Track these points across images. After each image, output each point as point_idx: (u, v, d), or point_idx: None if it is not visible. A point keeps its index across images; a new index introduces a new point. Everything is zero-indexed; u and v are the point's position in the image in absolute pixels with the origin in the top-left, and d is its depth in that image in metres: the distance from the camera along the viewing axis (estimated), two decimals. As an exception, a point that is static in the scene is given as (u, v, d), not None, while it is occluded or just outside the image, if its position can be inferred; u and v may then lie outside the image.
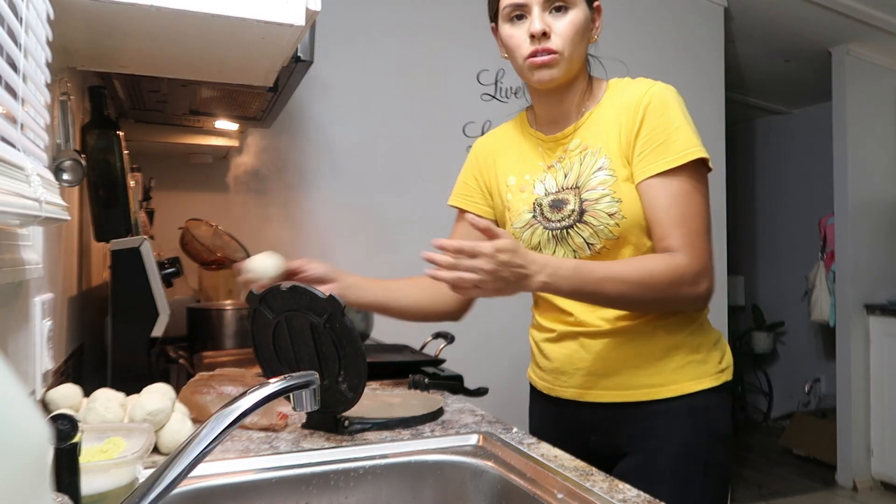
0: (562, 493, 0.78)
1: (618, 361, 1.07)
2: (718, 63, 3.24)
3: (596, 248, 1.06)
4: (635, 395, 1.06)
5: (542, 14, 1.03)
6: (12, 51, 0.68)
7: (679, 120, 1.02)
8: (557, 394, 1.13)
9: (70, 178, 0.99)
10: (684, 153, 1.00)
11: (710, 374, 1.06)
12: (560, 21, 1.04)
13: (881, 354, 3.61)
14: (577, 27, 1.04)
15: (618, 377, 1.06)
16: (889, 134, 3.85)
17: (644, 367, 1.05)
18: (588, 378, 1.09)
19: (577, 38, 1.04)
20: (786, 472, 3.96)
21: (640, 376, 1.05)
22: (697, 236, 1.00)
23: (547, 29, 1.03)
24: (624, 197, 1.03)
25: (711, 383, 1.05)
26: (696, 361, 1.06)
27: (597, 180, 1.05)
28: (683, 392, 1.04)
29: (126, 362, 1.25)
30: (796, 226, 4.88)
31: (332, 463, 0.89)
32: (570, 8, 1.04)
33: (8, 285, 0.76)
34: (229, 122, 1.95)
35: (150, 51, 1.10)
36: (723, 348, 1.11)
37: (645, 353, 1.05)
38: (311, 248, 2.46)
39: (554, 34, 1.03)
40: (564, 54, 1.04)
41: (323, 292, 0.95)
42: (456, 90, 2.69)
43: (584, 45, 1.07)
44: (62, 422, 0.55)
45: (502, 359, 2.66)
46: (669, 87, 1.06)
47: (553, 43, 1.03)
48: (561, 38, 1.03)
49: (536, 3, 1.03)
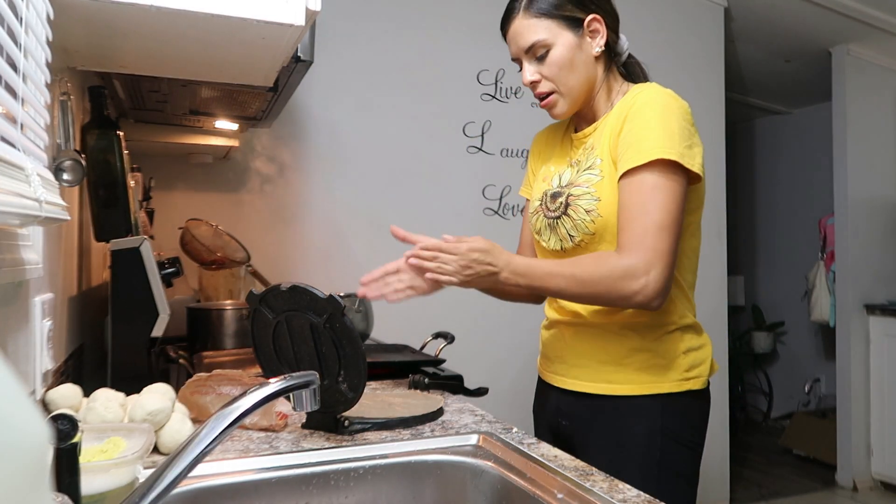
0: (562, 493, 0.78)
1: (587, 354, 1.13)
2: (718, 63, 3.24)
3: (576, 241, 1.12)
4: (596, 387, 1.12)
5: (530, 63, 1.12)
6: (12, 51, 0.68)
7: (654, 121, 1.03)
8: (545, 377, 1.24)
9: (70, 178, 0.99)
10: (647, 152, 1.01)
11: (672, 379, 1.09)
12: (543, 66, 1.11)
13: (881, 354, 3.61)
14: (561, 63, 1.10)
15: (585, 368, 1.13)
16: (889, 134, 3.85)
17: (608, 364, 1.11)
18: (562, 365, 1.18)
19: (566, 71, 1.10)
20: (786, 472, 3.96)
21: (603, 371, 1.11)
22: (648, 234, 0.99)
23: (535, 77, 1.12)
24: (603, 196, 1.08)
25: (672, 388, 1.08)
26: (660, 366, 1.09)
27: (583, 178, 1.12)
28: (641, 392, 1.08)
29: (126, 362, 1.25)
30: (796, 226, 4.88)
31: (332, 463, 0.89)
32: (549, 49, 1.10)
33: (8, 285, 0.76)
34: (229, 122, 1.95)
35: (150, 51, 1.10)
36: (699, 358, 1.12)
37: (611, 350, 1.11)
38: (312, 248, 2.46)
39: (543, 79, 1.12)
40: (561, 91, 1.12)
41: (323, 292, 0.95)
42: (456, 90, 2.69)
43: (579, 71, 1.11)
44: (62, 422, 0.55)
45: (503, 359, 2.66)
46: (662, 92, 1.07)
47: (544, 87, 1.12)
48: (549, 80, 1.11)
49: (521, 56, 1.13)
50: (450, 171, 2.68)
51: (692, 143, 1.05)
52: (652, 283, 0.98)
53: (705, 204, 1.18)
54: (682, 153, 1.01)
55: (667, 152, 1.00)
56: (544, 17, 1.10)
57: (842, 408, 3.64)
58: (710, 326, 1.24)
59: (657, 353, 1.09)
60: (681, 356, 1.10)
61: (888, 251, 3.81)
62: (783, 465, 4.08)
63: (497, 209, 2.74)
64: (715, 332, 3.18)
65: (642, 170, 1.01)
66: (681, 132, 1.03)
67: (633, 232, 1.00)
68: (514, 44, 1.13)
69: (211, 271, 2.01)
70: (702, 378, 1.11)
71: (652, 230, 0.99)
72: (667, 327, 1.10)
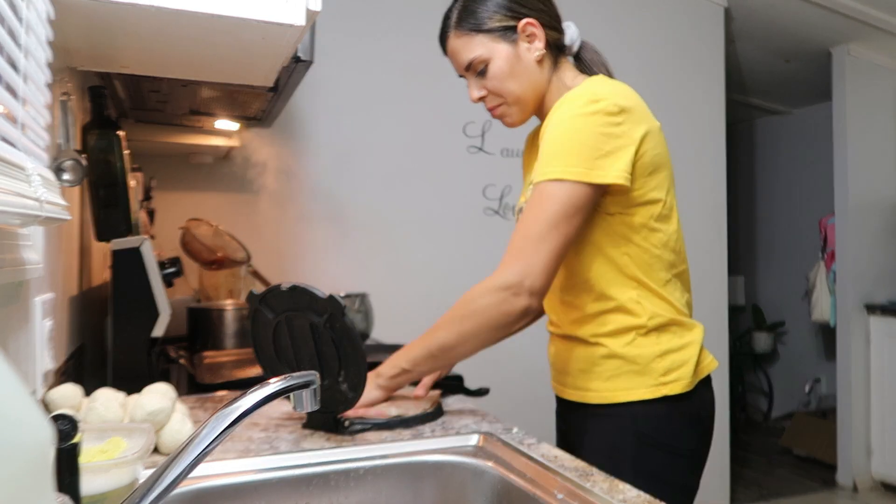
0: (562, 494, 0.78)
1: (568, 362, 1.13)
2: (718, 63, 3.23)
3: None
4: (574, 395, 1.12)
5: (474, 80, 1.12)
6: (13, 51, 0.68)
7: (558, 138, 1.00)
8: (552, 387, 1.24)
9: (70, 178, 0.99)
10: (544, 173, 0.99)
11: (647, 385, 1.04)
12: (484, 80, 1.10)
13: (881, 354, 3.61)
14: (501, 76, 1.09)
15: (567, 376, 1.14)
16: (889, 134, 3.85)
17: (585, 371, 1.10)
18: (557, 374, 1.19)
19: (508, 81, 1.09)
20: (786, 472, 3.96)
21: (581, 379, 1.11)
22: (523, 243, 0.98)
23: (482, 93, 1.12)
24: None
25: (647, 395, 1.04)
26: (632, 372, 1.05)
27: (527, 194, 1.11)
28: (613, 400, 1.06)
29: (126, 362, 1.25)
30: (796, 226, 4.88)
31: (332, 463, 0.89)
32: (487, 64, 1.09)
33: (8, 285, 0.76)
34: (229, 122, 1.95)
35: (150, 51, 1.10)
36: (679, 360, 1.06)
37: (584, 357, 1.10)
38: (312, 248, 2.46)
39: (490, 94, 1.11)
40: (508, 101, 1.11)
41: (323, 292, 0.95)
42: (456, 90, 2.68)
43: (521, 79, 1.09)
44: (62, 422, 0.55)
45: (503, 359, 2.66)
46: (580, 98, 1.01)
47: (490, 101, 1.12)
48: (493, 94, 1.11)
49: (465, 74, 1.13)
50: (450, 171, 2.68)
51: (610, 148, 0.98)
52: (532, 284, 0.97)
53: (705, 204, 1.16)
54: (590, 168, 0.97)
55: (568, 171, 0.97)
56: (476, 34, 1.08)
57: (842, 408, 3.64)
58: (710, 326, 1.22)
59: (628, 359, 1.05)
60: (656, 360, 1.04)
61: (888, 251, 3.81)
62: (783, 465, 4.08)
63: (497, 209, 2.74)
64: (715, 332, 3.18)
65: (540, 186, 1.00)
66: (590, 143, 0.98)
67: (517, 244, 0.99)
68: (454, 62, 1.13)
69: (211, 271, 2.01)
70: (682, 381, 1.04)
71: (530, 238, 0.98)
72: (637, 331, 1.05)
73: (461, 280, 2.67)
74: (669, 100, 3.02)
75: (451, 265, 2.65)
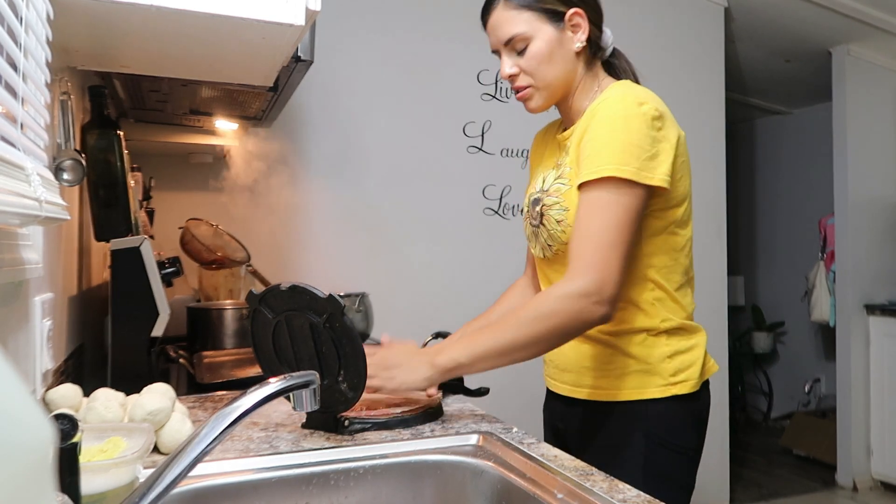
0: (562, 493, 0.78)
1: (573, 359, 1.13)
2: (718, 63, 3.24)
3: (553, 250, 1.12)
4: (582, 392, 1.12)
5: (509, 56, 1.10)
6: (12, 50, 0.68)
7: (611, 134, 1.00)
8: (546, 382, 1.25)
9: (70, 178, 0.99)
10: (600, 168, 0.98)
11: (656, 384, 1.06)
12: (522, 58, 1.09)
13: (881, 354, 3.61)
14: (539, 57, 1.08)
15: (573, 374, 1.14)
16: (889, 134, 3.85)
17: (594, 370, 1.11)
18: (556, 370, 1.18)
19: (545, 65, 1.08)
20: (786, 472, 3.96)
21: (588, 376, 1.11)
22: (596, 251, 0.98)
23: (514, 70, 1.10)
24: (571, 206, 1.06)
25: (657, 394, 1.06)
26: (642, 371, 1.07)
27: (554, 187, 1.11)
28: (625, 398, 1.07)
29: (126, 362, 1.25)
30: (796, 226, 4.88)
31: (332, 463, 0.89)
32: (528, 42, 1.08)
33: (8, 285, 0.76)
34: (229, 122, 1.95)
35: (150, 51, 1.10)
36: (687, 361, 1.08)
37: (595, 356, 1.11)
38: (312, 248, 2.46)
39: (522, 73, 1.09)
40: (537, 85, 1.10)
41: (322, 292, 0.95)
42: (456, 90, 2.69)
43: (557, 65, 1.09)
44: (62, 421, 0.55)
45: (502, 359, 2.66)
46: (625, 99, 1.03)
47: (521, 80, 1.10)
48: (527, 73, 1.09)
49: (500, 48, 1.11)
50: (450, 171, 2.68)
51: (655, 151, 1.00)
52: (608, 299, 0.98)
53: (706, 204, 1.17)
54: (640, 168, 0.98)
55: (620, 170, 0.97)
56: (525, 10, 1.07)
57: (842, 408, 3.64)
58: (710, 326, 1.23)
59: (639, 358, 1.07)
60: (665, 361, 1.07)
61: (888, 251, 3.81)
62: (783, 465, 4.08)
63: (497, 209, 2.74)
64: (715, 332, 3.18)
65: (595, 186, 0.99)
66: (640, 144, 0.99)
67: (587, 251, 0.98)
68: (494, 35, 1.11)
69: (211, 271, 2.01)
70: (690, 382, 1.07)
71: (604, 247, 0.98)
72: (649, 332, 1.08)
73: (461, 280, 2.68)
74: (669, 100, 3.01)
75: (450, 265, 2.65)
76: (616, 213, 0.98)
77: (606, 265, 0.97)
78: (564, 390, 1.16)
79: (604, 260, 0.97)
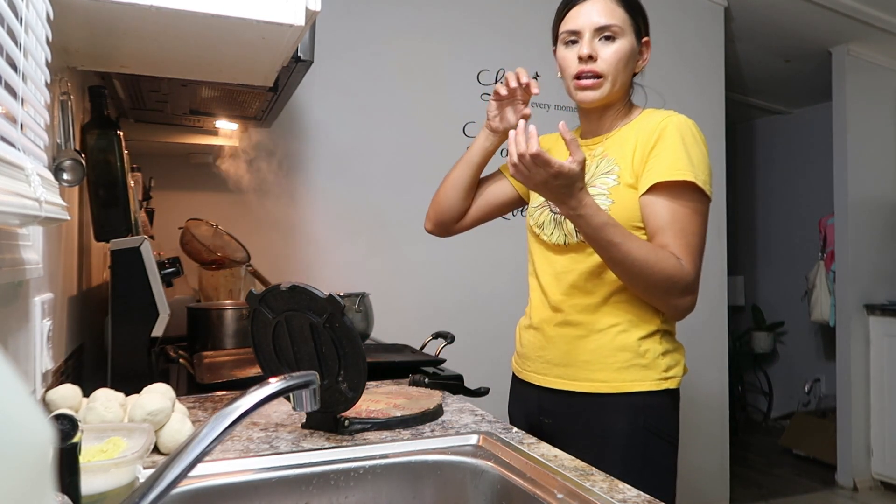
0: (562, 493, 0.78)
1: (570, 352, 1.18)
2: (718, 63, 3.23)
3: (579, 238, 1.17)
4: (579, 385, 1.17)
5: (592, 41, 1.15)
6: (12, 51, 0.68)
7: (683, 148, 1.11)
8: (523, 377, 1.28)
9: (70, 178, 0.99)
10: (676, 171, 1.09)
11: (652, 378, 1.15)
12: (607, 48, 1.15)
13: (881, 354, 3.61)
14: (622, 55, 1.16)
15: (568, 367, 1.18)
16: (889, 134, 3.85)
17: (593, 363, 1.16)
18: (545, 365, 1.22)
19: (622, 64, 1.16)
20: (786, 472, 3.96)
21: (588, 370, 1.16)
22: (696, 252, 1.10)
23: (594, 53, 1.15)
24: (618, 200, 1.14)
25: (652, 387, 1.14)
26: (640, 365, 1.15)
27: (601, 181, 1.17)
28: (624, 390, 1.14)
29: (126, 362, 1.25)
30: (796, 226, 4.88)
31: (332, 463, 0.89)
32: (617, 38, 1.15)
33: (8, 285, 0.76)
34: (229, 122, 1.95)
35: (150, 51, 1.10)
36: (675, 360, 1.18)
37: (596, 349, 1.16)
38: (311, 248, 2.46)
39: (600, 59, 1.15)
40: (608, 78, 1.16)
41: (322, 292, 0.95)
42: (456, 90, 2.69)
43: (627, 72, 1.18)
44: (62, 422, 0.55)
45: (503, 359, 2.66)
46: (689, 120, 1.15)
47: (598, 66, 1.15)
48: (606, 63, 1.15)
49: (588, 30, 1.15)
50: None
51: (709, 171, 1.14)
52: (694, 299, 1.11)
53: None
54: (706, 181, 1.11)
55: (699, 179, 1.09)
56: (626, 11, 1.17)
57: (842, 408, 3.65)
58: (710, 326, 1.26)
59: (638, 353, 1.14)
60: (660, 357, 1.16)
61: (888, 251, 3.81)
62: (783, 465, 4.08)
63: (497, 209, 2.73)
64: (715, 332, 3.18)
65: (681, 193, 1.09)
66: (704, 161, 1.12)
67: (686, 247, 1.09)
68: (588, 17, 1.16)
69: (211, 271, 2.01)
70: (677, 378, 1.18)
71: (697, 251, 1.10)
72: (650, 329, 1.16)
73: (461, 280, 2.68)
74: (669, 99, 3.01)
75: (450, 265, 2.65)
76: (703, 222, 1.12)
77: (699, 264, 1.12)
78: (558, 384, 1.20)
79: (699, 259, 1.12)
